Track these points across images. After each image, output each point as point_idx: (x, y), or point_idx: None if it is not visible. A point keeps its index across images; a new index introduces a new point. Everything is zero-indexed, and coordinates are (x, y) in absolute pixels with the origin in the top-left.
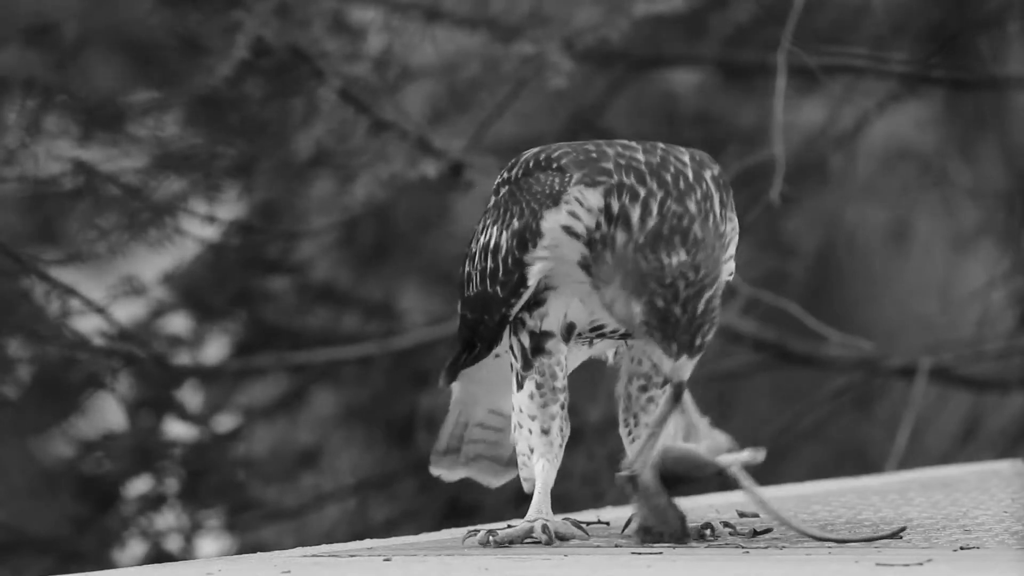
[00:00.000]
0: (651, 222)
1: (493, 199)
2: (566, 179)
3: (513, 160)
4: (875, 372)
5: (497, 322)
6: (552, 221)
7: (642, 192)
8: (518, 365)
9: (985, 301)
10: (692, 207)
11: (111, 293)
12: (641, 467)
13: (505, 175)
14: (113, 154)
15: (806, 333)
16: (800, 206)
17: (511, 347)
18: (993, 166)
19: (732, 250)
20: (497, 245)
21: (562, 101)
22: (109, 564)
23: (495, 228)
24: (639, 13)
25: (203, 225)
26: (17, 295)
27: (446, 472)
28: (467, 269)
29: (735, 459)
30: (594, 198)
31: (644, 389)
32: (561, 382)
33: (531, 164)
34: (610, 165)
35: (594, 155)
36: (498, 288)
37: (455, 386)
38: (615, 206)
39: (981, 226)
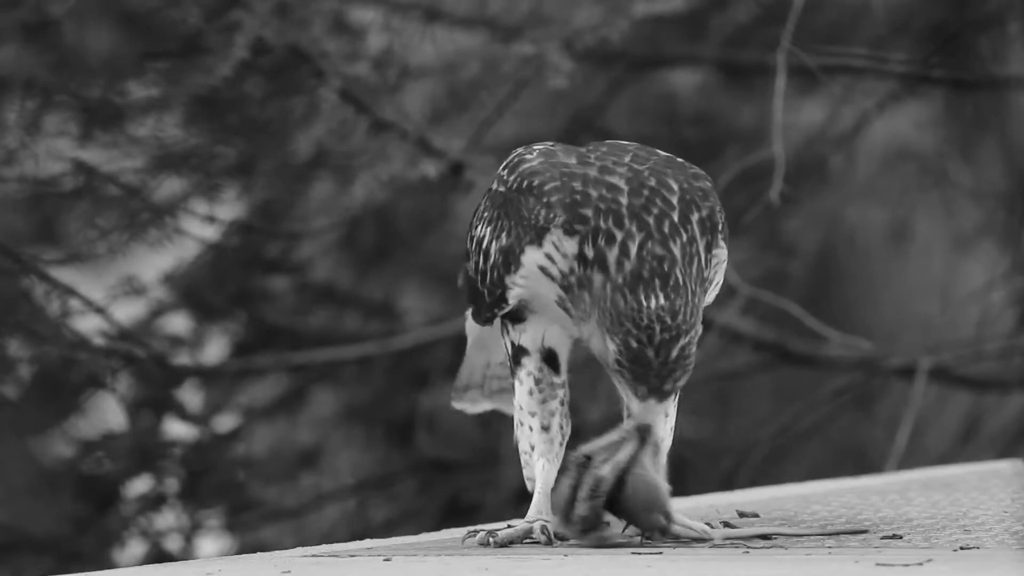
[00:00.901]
0: (629, 265)
1: (494, 185)
2: (551, 216)
3: (509, 158)
4: (875, 372)
5: (485, 316)
6: (531, 258)
7: (619, 235)
8: (510, 362)
9: (985, 301)
10: (676, 250)
11: (111, 293)
12: (602, 461)
13: (504, 174)
14: (113, 154)
15: (806, 333)
16: (800, 206)
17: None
18: (993, 166)
19: (719, 277)
20: (489, 250)
21: (562, 101)
22: (109, 564)
23: (489, 229)
24: (639, 13)
25: (203, 225)
26: (17, 295)
27: (469, 405)
28: (474, 235)
29: (694, 527)
30: (570, 246)
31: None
32: (560, 377)
33: (523, 184)
34: (590, 211)
35: (578, 197)
36: (485, 292)
37: (470, 333)
38: (590, 252)
39: (981, 226)
